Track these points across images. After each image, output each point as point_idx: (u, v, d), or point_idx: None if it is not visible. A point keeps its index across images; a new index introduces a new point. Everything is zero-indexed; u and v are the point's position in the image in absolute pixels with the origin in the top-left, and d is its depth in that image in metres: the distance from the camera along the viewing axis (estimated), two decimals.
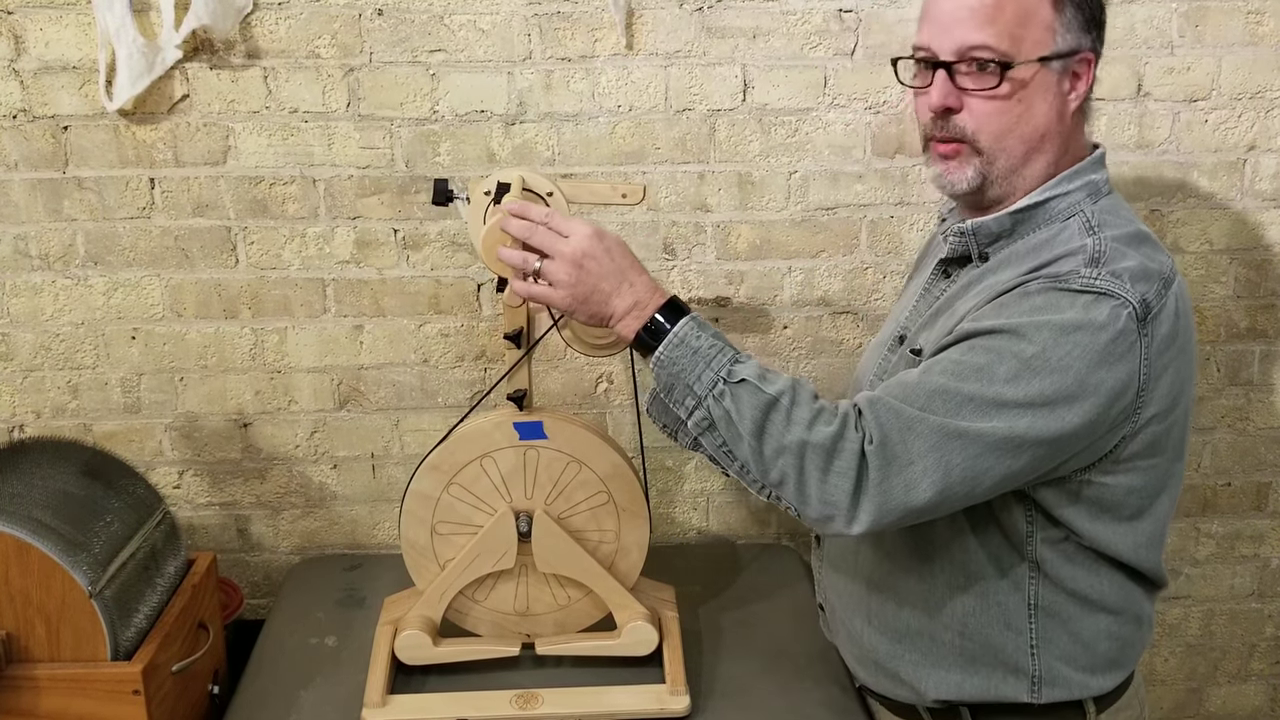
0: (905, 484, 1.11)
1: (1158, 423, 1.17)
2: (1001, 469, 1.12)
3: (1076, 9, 1.18)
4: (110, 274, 1.72)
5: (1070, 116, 1.21)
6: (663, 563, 1.65)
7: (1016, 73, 1.17)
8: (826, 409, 1.15)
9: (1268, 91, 1.73)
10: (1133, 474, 1.19)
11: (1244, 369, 1.88)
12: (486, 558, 1.45)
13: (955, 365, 1.14)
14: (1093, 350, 1.10)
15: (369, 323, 1.77)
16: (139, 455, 1.80)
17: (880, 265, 1.78)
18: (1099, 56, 1.21)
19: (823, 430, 1.12)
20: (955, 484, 1.12)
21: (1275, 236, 1.80)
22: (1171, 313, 1.15)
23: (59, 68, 1.63)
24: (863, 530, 1.12)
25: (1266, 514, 1.96)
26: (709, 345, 1.17)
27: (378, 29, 1.63)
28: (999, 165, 1.21)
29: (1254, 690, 2.08)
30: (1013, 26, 1.16)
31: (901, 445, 1.11)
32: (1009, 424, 1.10)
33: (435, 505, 1.45)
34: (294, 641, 1.59)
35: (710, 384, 1.16)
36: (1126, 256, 1.15)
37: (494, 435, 1.42)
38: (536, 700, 1.43)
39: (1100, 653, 1.26)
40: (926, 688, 1.30)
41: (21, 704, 1.33)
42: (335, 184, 1.70)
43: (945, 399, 1.12)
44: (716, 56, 1.67)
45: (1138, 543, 1.23)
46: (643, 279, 1.21)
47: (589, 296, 1.20)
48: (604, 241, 1.21)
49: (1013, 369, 1.11)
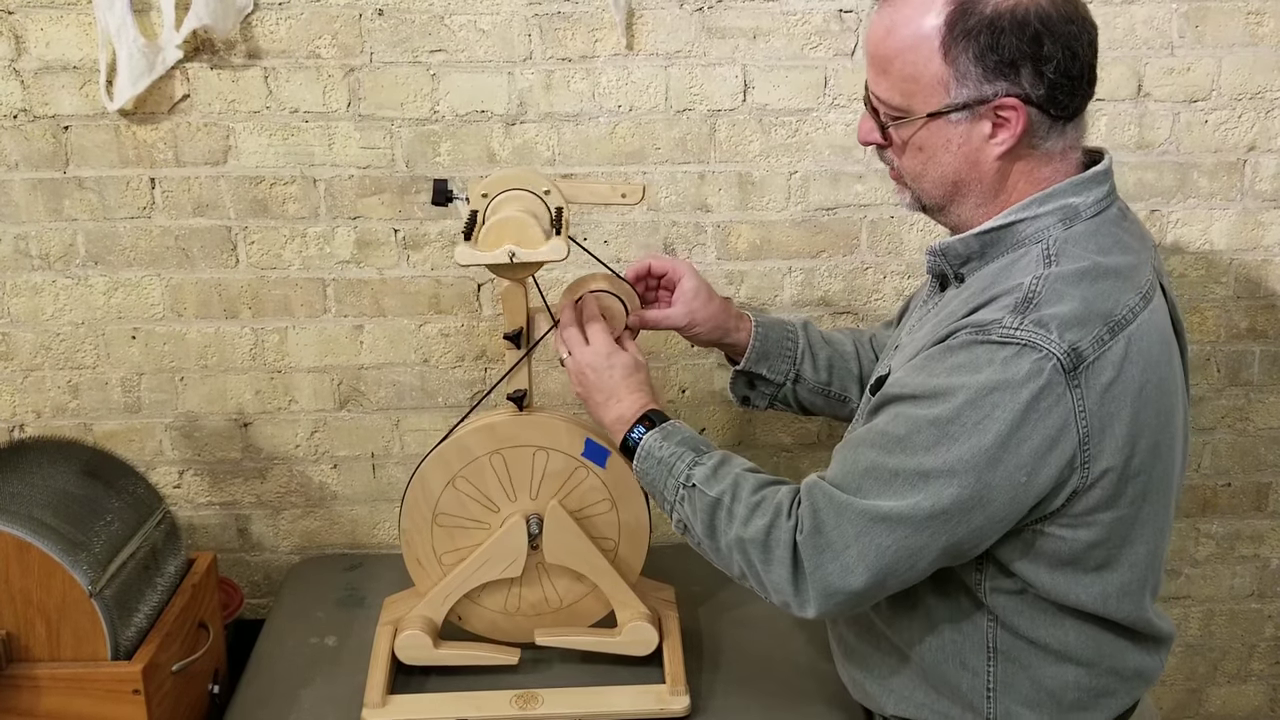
0: (841, 570, 1.13)
1: (1115, 473, 1.11)
2: (938, 544, 1.11)
3: (975, 59, 1.09)
4: (110, 274, 1.72)
5: (994, 161, 1.14)
6: (663, 563, 1.65)
7: (901, 129, 1.15)
8: (765, 500, 1.19)
9: (1268, 92, 1.73)
10: (1093, 528, 1.14)
11: (1244, 369, 1.88)
12: (494, 564, 1.45)
13: (881, 437, 1.14)
14: (1013, 410, 1.06)
15: (369, 323, 1.77)
16: (139, 455, 1.80)
17: (880, 266, 1.78)
18: (1035, 95, 1.10)
19: (757, 524, 1.17)
20: (891, 565, 1.12)
21: (1275, 236, 1.80)
22: (1117, 358, 1.08)
23: (59, 68, 1.63)
24: (818, 613, 1.16)
25: (1266, 514, 1.96)
26: (670, 453, 1.25)
27: (378, 29, 1.64)
28: (924, 201, 1.21)
29: (1254, 690, 2.08)
30: (902, 81, 1.13)
31: (836, 531, 1.13)
32: (933, 497, 1.09)
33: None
34: (294, 641, 1.60)
35: (674, 491, 1.25)
36: (1064, 299, 1.09)
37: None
38: (536, 700, 1.43)
39: (1068, 701, 1.22)
40: (886, 703, 1.30)
41: (21, 703, 1.33)
42: (336, 184, 1.70)
43: (875, 477, 1.12)
44: (717, 57, 1.67)
45: (1106, 594, 1.17)
46: (632, 397, 1.31)
47: (587, 399, 1.34)
48: (609, 360, 1.32)
49: (931, 437, 1.09)
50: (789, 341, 1.47)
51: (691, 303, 1.42)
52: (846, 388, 1.50)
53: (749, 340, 1.45)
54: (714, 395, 1.83)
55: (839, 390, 1.49)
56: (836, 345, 1.50)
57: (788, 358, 1.47)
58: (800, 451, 1.88)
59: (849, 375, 1.49)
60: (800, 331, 1.48)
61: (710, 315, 1.43)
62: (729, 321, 1.45)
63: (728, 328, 1.45)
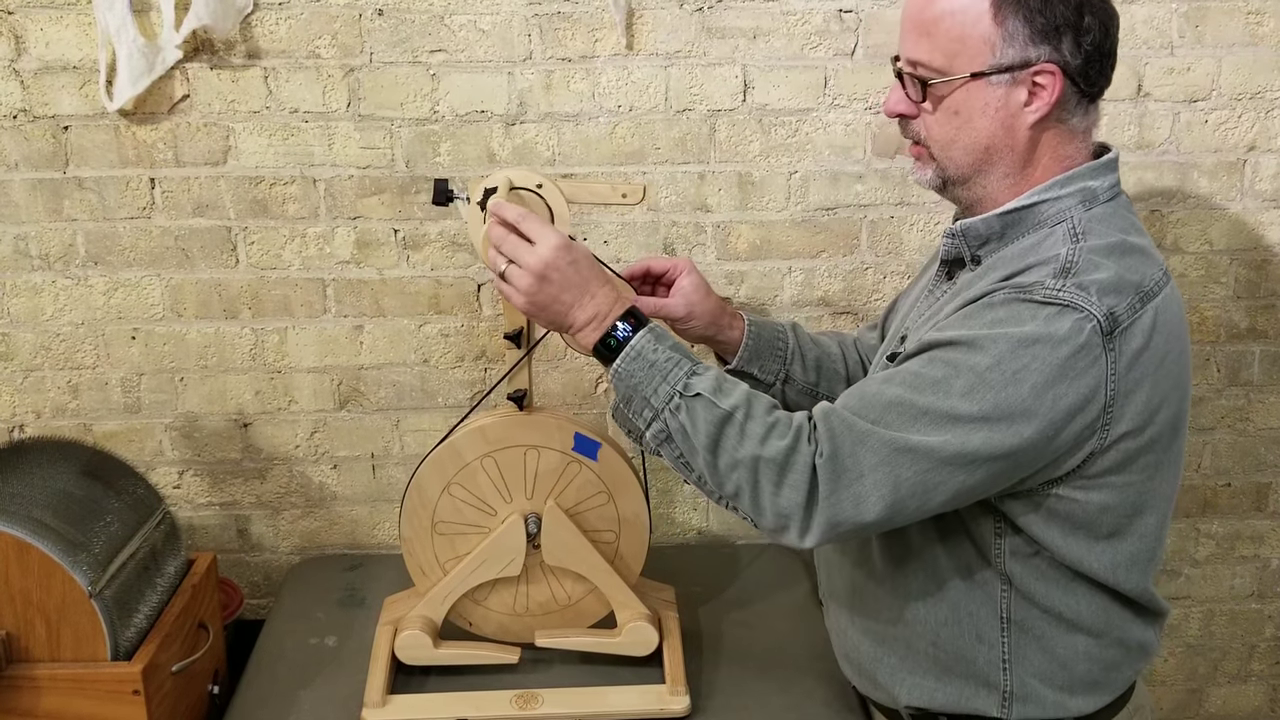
0: (854, 498, 1.12)
1: (1131, 439, 1.14)
2: (954, 484, 1.11)
3: (1025, 20, 1.12)
4: (110, 274, 1.72)
5: (1027, 129, 1.16)
6: (663, 563, 1.65)
7: (938, 89, 1.16)
8: (781, 421, 1.16)
9: (1268, 92, 1.73)
10: (1106, 491, 1.16)
11: (1244, 369, 1.88)
12: (493, 563, 1.45)
13: (913, 377, 1.13)
14: (1051, 364, 1.08)
15: (369, 323, 1.77)
16: (139, 455, 1.80)
17: (880, 265, 1.78)
18: (1072, 64, 1.14)
19: (776, 444, 1.13)
20: (905, 498, 1.11)
21: (1275, 237, 1.80)
22: (1147, 326, 1.11)
23: (59, 68, 1.63)
24: (816, 542, 1.14)
25: (1266, 514, 1.96)
26: (665, 358, 1.18)
27: (378, 29, 1.64)
28: (950, 173, 1.21)
29: (1254, 690, 2.08)
30: (948, 41, 1.14)
31: (852, 459, 1.12)
32: (962, 439, 1.09)
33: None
34: (294, 641, 1.60)
35: (666, 398, 1.17)
36: (1100, 268, 1.11)
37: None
38: (536, 700, 1.43)
39: (1078, 673, 1.24)
40: (900, 693, 1.30)
41: (21, 704, 1.33)
42: (335, 184, 1.70)
43: (900, 412, 1.12)
44: (717, 57, 1.67)
45: (1116, 563, 1.20)
46: (605, 290, 1.22)
47: (548, 305, 1.21)
48: (570, 253, 1.21)
49: (968, 383, 1.10)
50: (780, 342, 1.48)
51: (691, 296, 1.43)
52: (834, 388, 1.50)
53: (741, 339, 1.46)
54: None
55: (826, 391, 1.50)
56: (824, 347, 1.52)
57: (778, 358, 1.47)
58: None
59: (836, 376, 1.51)
60: (790, 333, 1.49)
61: (707, 310, 1.44)
62: (723, 319, 1.46)
63: (721, 324, 1.45)
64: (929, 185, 1.24)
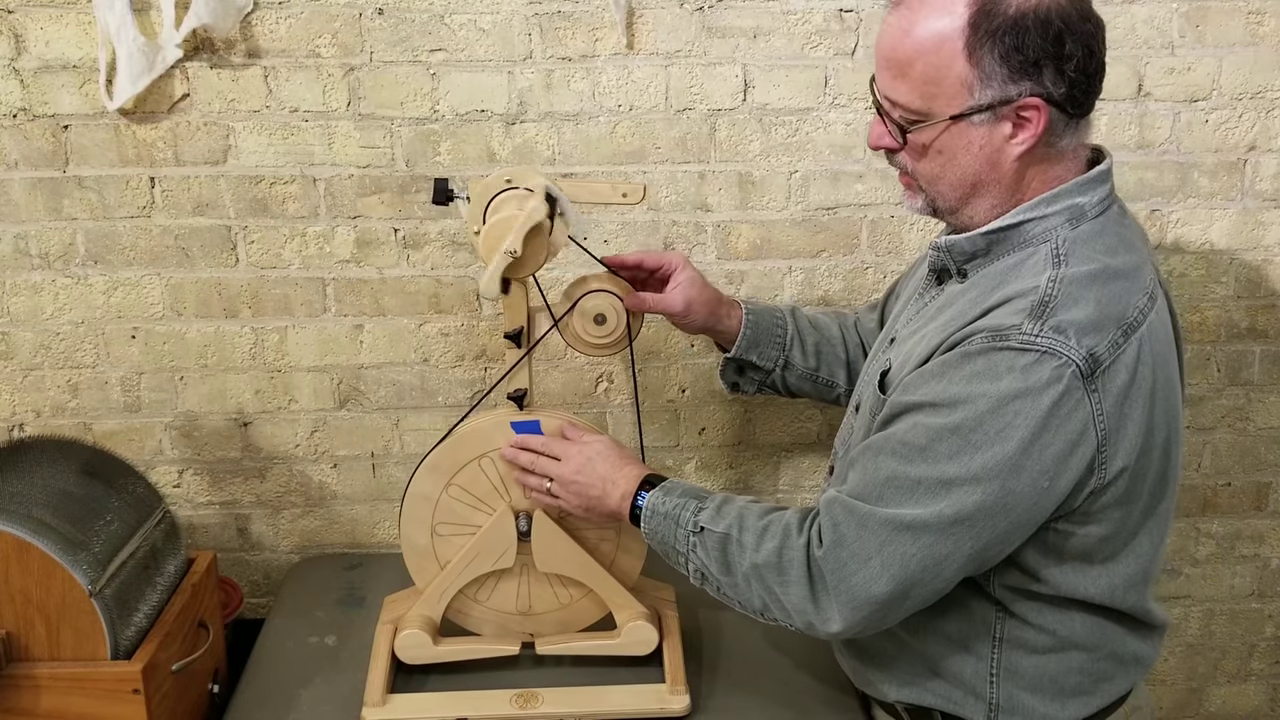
0: (865, 580, 1.13)
1: (1129, 473, 1.13)
2: (964, 550, 1.11)
3: (1000, 59, 1.08)
4: (110, 273, 1.72)
5: (1013, 161, 1.14)
6: (663, 563, 1.64)
7: (919, 135, 1.14)
8: (771, 524, 1.20)
9: (1268, 91, 1.73)
10: (1104, 523, 1.16)
11: (1244, 369, 1.88)
12: (486, 557, 1.45)
13: (901, 447, 1.13)
14: (1034, 416, 1.07)
15: (369, 322, 1.77)
16: (139, 454, 1.80)
17: (880, 265, 1.78)
18: (1057, 94, 1.10)
19: (767, 548, 1.18)
20: (915, 574, 1.12)
21: (1275, 236, 1.80)
22: (1131, 361, 1.10)
23: (59, 67, 1.63)
24: (846, 629, 1.16)
25: (1266, 514, 1.96)
26: (674, 506, 1.27)
27: (378, 28, 1.63)
28: (939, 204, 1.20)
29: (1254, 690, 2.08)
30: (923, 84, 1.11)
31: (858, 543, 1.13)
32: (958, 503, 1.09)
33: (435, 505, 1.45)
34: (294, 641, 1.60)
35: (685, 542, 1.25)
36: (1079, 303, 1.09)
37: (493, 435, 1.42)
38: (536, 700, 1.43)
39: (1069, 685, 1.24)
40: (888, 689, 1.31)
41: (21, 703, 1.33)
42: (335, 183, 1.70)
43: (896, 487, 1.12)
44: (717, 56, 1.67)
45: (1114, 585, 1.19)
46: (623, 473, 1.32)
47: (591, 506, 1.34)
48: (586, 453, 1.34)
49: (954, 446, 1.09)
50: (778, 329, 1.49)
51: (688, 290, 1.44)
52: (834, 372, 1.52)
53: (740, 328, 1.47)
54: (714, 395, 1.83)
55: (826, 375, 1.51)
56: (823, 330, 1.52)
57: (777, 344, 1.48)
58: (800, 451, 1.88)
59: (836, 360, 1.52)
60: (789, 318, 1.50)
61: (705, 303, 1.45)
62: (721, 309, 1.47)
63: (720, 315, 1.46)
64: (920, 213, 1.23)
